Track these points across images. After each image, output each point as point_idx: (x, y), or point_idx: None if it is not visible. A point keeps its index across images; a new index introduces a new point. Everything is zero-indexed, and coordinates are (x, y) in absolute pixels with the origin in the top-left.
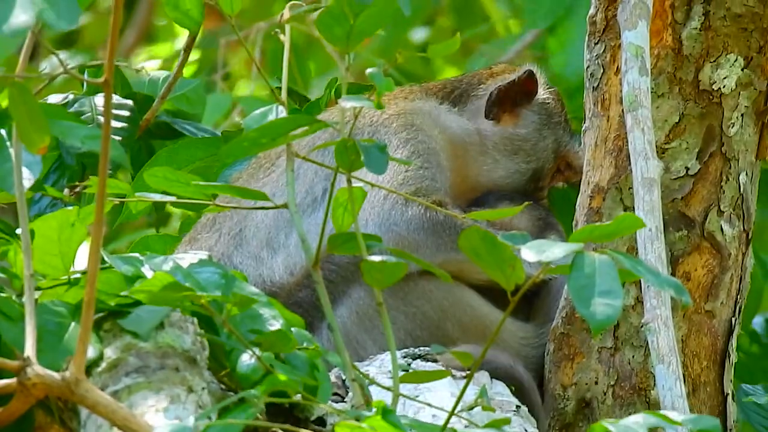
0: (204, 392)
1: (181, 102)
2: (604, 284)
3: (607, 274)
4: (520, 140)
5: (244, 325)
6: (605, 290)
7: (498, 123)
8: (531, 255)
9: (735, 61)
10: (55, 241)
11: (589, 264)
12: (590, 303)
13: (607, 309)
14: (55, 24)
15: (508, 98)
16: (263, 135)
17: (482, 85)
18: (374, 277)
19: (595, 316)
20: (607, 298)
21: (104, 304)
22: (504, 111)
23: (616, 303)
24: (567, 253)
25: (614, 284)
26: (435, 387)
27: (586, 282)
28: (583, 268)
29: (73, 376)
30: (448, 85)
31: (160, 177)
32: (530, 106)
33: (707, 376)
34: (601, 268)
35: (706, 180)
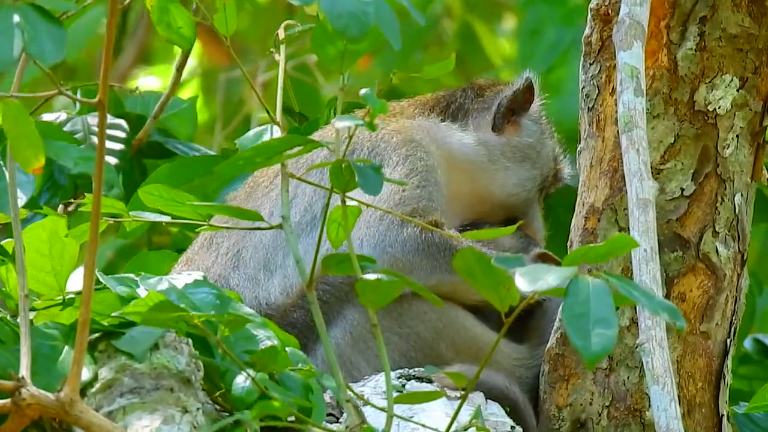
0: (199, 413)
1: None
2: (598, 311)
3: (602, 300)
4: (527, 148)
5: (239, 345)
6: (600, 318)
7: (501, 134)
8: (525, 284)
9: (730, 82)
10: (47, 255)
11: (583, 289)
12: (585, 334)
13: (602, 340)
14: (41, 57)
15: (509, 109)
16: (258, 154)
17: (481, 97)
18: (369, 298)
19: (590, 349)
20: (602, 328)
21: (99, 325)
22: (507, 122)
23: (610, 332)
24: (562, 280)
25: (609, 311)
26: (429, 407)
27: (581, 310)
28: (578, 295)
29: (68, 397)
30: (444, 100)
31: (155, 195)
32: (528, 116)
33: (702, 397)
34: (595, 294)
35: (701, 201)
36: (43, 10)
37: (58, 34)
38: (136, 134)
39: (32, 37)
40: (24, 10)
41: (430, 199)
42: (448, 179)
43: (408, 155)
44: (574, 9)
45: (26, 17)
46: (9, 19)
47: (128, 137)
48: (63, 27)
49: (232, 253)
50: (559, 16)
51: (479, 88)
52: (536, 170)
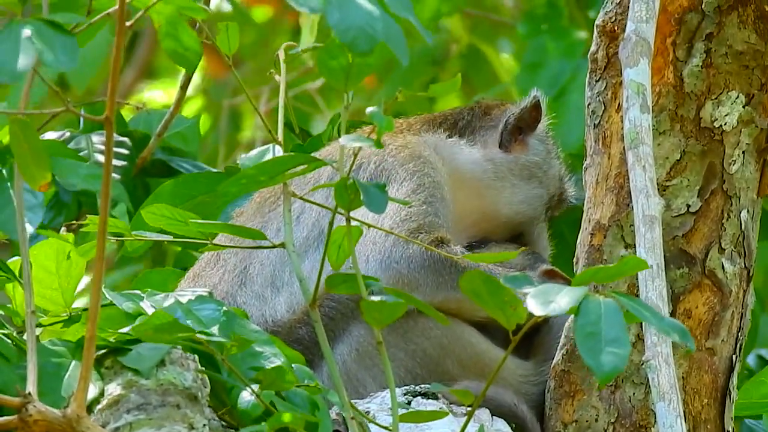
0: (205, 429)
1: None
2: (610, 331)
3: (613, 320)
4: (534, 167)
5: (245, 362)
6: (612, 338)
7: (508, 152)
8: (537, 308)
9: (736, 99)
10: (54, 273)
11: (595, 309)
12: (597, 353)
13: (614, 359)
14: (54, 65)
15: (517, 127)
16: (261, 173)
17: (489, 115)
18: (374, 317)
19: (603, 368)
20: (614, 347)
21: (105, 341)
22: (514, 140)
23: (623, 351)
24: (574, 302)
25: (621, 331)
26: (435, 424)
27: (593, 329)
28: (590, 315)
29: (74, 413)
30: (451, 117)
31: (158, 215)
32: (535, 135)
33: (708, 413)
34: (607, 314)
35: (707, 217)
36: (54, 23)
37: (70, 44)
38: (140, 152)
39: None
40: (35, 24)
41: (437, 215)
42: (455, 195)
43: (415, 171)
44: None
45: (38, 30)
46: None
47: (132, 155)
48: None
49: (239, 270)
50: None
51: (486, 106)
52: (543, 189)
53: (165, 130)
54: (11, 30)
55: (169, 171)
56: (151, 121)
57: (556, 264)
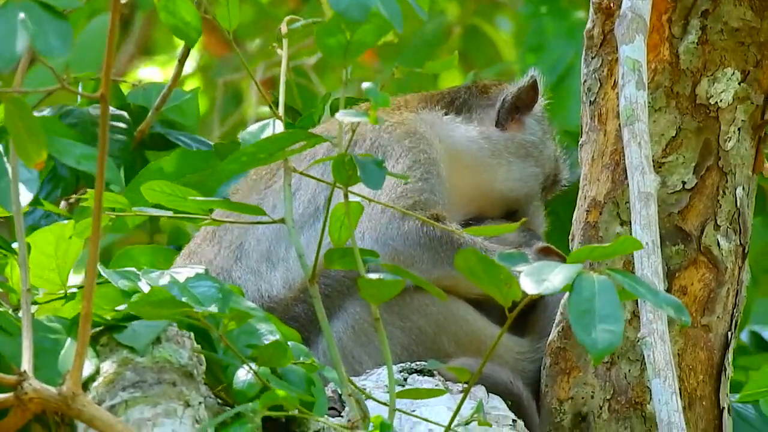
0: (201, 407)
1: (175, 113)
2: (604, 308)
3: (607, 297)
4: (530, 146)
5: (241, 339)
6: (606, 314)
7: (505, 130)
8: (531, 286)
9: (732, 75)
10: (52, 255)
11: (588, 287)
12: (591, 330)
13: (608, 336)
14: (47, 52)
15: (514, 106)
16: (261, 150)
17: (486, 94)
18: (371, 294)
19: (597, 345)
20: (608, 324)
21: (101, 319)
22: (511, 119)
23: (616, 328)
24: (568, 280)
25: (614, 308)
26: (432, 401)
27: (587, 307)
28: (583, 292)
29: (70, 391)
30: (448, 95)
31: (157, 191)
32: (532, 115)
33: (703, 390)
34: (601, 291)
35: (702, 194)
36: (47, 6)
37: (63, 29)
38: (138, 126)
39: (38, 32)
40: (28, 7)
41: (432, 192)
42: (451, 172)
43: (411, 147)
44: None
45: (31, 14)
46: (13, 17)
47: (130, 129)
48: (69, 22)
49: (234, 245)
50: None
51: (484, 85)
52: (538, 168)
53: (163, 104)
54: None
55: (167, 144)
56: (149, 94)
57: (551, 241)
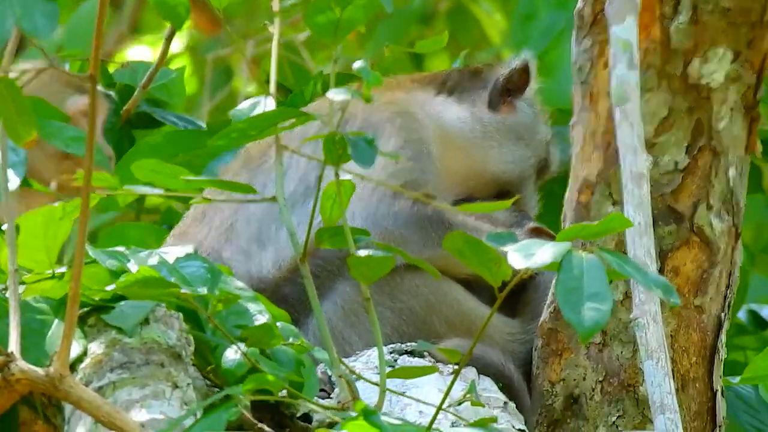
0: (189, 388)
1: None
2: (592, 286)
3: (596, 275)
4: (521, 129)
5: (230, 320)
6: (593, 293)
7: (497, 112)
8: (519, 260)
9: (723, 55)
10: (41, 237)
11: (577, 264)
12: (578, 308)
13: (595, 314)
14: (33, 33)
15: (505, 89)
16: (252, 127)
17: (478, 75)
18: (361, 272)
19: (583, 323)
20: (595, 302)
21: (89, 299)
22: (502, 102)
23: (604, 307)
24: (556, 257)
25: (602, 286)
26: (422, 383)
27: (575, 285)
28: (572, 270)
29: (57, 372)
30: (440, 76)
31: (147, 169)
32: (524, 98)
33: (696, 371)
34: (589, 270)
35: (695, 174)
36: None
37: (50, 9)
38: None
39: (24, 13)
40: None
41: (423, 172)
42: (442, 153)
43: (402, 127)
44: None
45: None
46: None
47: (117, 108)
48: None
49: (225, 226)
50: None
51: (476, 67)
52: (530, 151)
53: (150, 83)
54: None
55: (154, 123)
56: (135, 74)
57: (547, 221)
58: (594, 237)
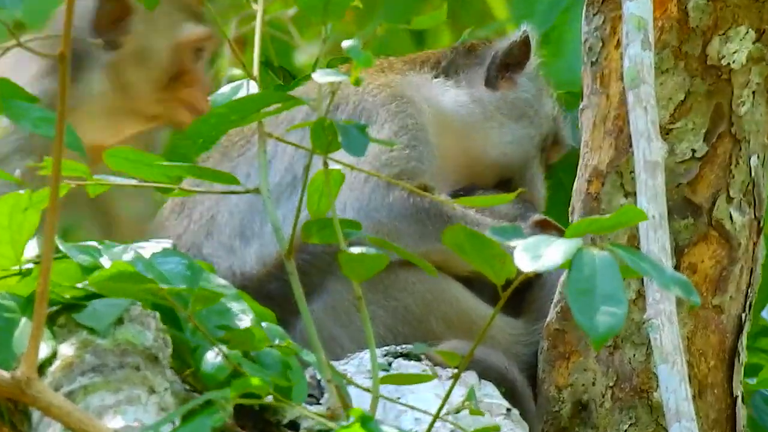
0: (166, 393)
1: None
2: (605, 287)
3: (609, 275)
4: (524, 104)
5: (211, 320)
6: (607, 295)
7: (496, 89)
8: (527, 263)
9: (746, 34)
10: (6, 228)
11: (589, 263)
12: (591, 312)
13: (609, 319)
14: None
15: (504, 64)
16: (233, 112)
17: (474, 53)
18: (353, 269)
19: (597, 329)
20: (609, 305)
21: (59, 297)
22: (501, 77)
23: (619, 310)
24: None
25: (617, 287)
26: (419, 388)
27: (586, 286)
28: (583, 270)
29: (24, 376)
30: (434, 56)
31: (120, 158)
32: (525, 73)
33: (715, 376)
34: (602, 269)
35: (713, 163)
36: None
37: None
38: None
39: None
40: None
41: (420, 161)
42: (440, 139)
43: (397, 112)
44: None
45: None
46: None
47: None
48: None
49: (205, 219)
50: None
51: (471, 44)
52: (534, 129)
53: None
54: None
55: None
56: None
57: (552, 214)
58: (606, 231)
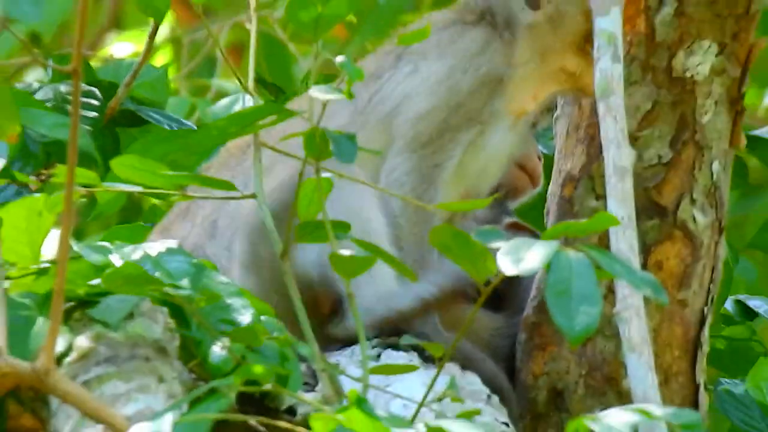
0: (175, 382)
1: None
2: (581, 288)
3: (585, 276)
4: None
5: (215, 315)
6: (583, 295)
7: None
8: (509, 266)
9: (709, 48)
10: (24, 230)
11: (566, 266)
12: (568, 312)
13: (586, 318)
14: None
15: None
16: (232, 124)
17: None
18: (343, 269)
19: (574, 327)
20: (585, 305)
21: (74, 294)
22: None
23: (594, 310)
24: (546, 259)
25: (592, 288)
26: (406, 377)
27: (564, 287)
28: (561, 271)
29: (44, 367)
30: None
31: (128, 166)
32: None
33: (679, 366)
34: (578, 271)
35: (678, 168)
36: None
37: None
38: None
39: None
40: None
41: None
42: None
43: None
44: None
45: None
46: None
47: (101, 105)
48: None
49: (208, 222)
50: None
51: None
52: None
53: (133, 80)
54: None
55: (138, 121)
56: (119, 70)
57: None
58: (580, 234)
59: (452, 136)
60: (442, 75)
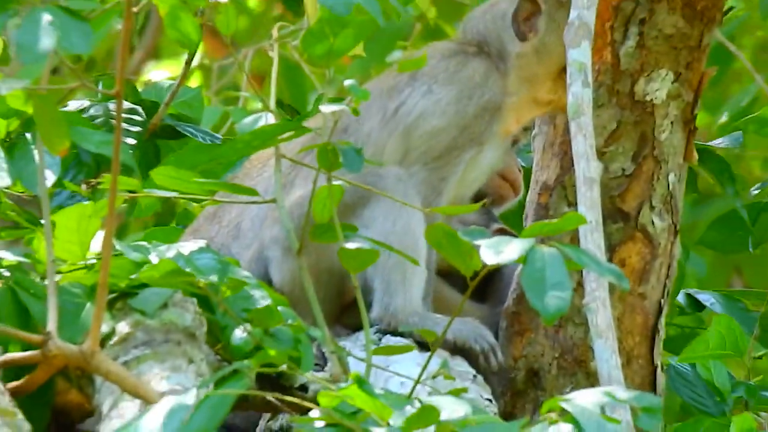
0: (202, 363)
1: (183, 108)
2: (554, 277)
3: (557, 267)
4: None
5: (237, 304)
6: (555, 282)
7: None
8: (491, 256)
9: (666, 76)
10: (75, 231)
11: (540, 258)
12: (542, 296)
13: (558, 301)
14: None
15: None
16: (255, 138)
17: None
18: (350, 263)
19: (548, 309)
20: (558, 291)
21: (116, 286)
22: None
23: (565, 295)
24: (522, 252)
25: (563, 277)
26: (403, 359)
27: (539, 276)
28: (536, 263)
29: (89, 349)
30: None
31: (165, 175)
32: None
33: (639, 350)
34: (550, 262)
35: (639, 179)
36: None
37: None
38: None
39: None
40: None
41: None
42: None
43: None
44: None
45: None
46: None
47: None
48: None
49: (233, 225)
50: None
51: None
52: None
53: (172, 99)
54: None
55: (177, 134)
56: (160, 91)
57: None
58: (553, 233)
59: (458, 153)
60: (451, 99)
